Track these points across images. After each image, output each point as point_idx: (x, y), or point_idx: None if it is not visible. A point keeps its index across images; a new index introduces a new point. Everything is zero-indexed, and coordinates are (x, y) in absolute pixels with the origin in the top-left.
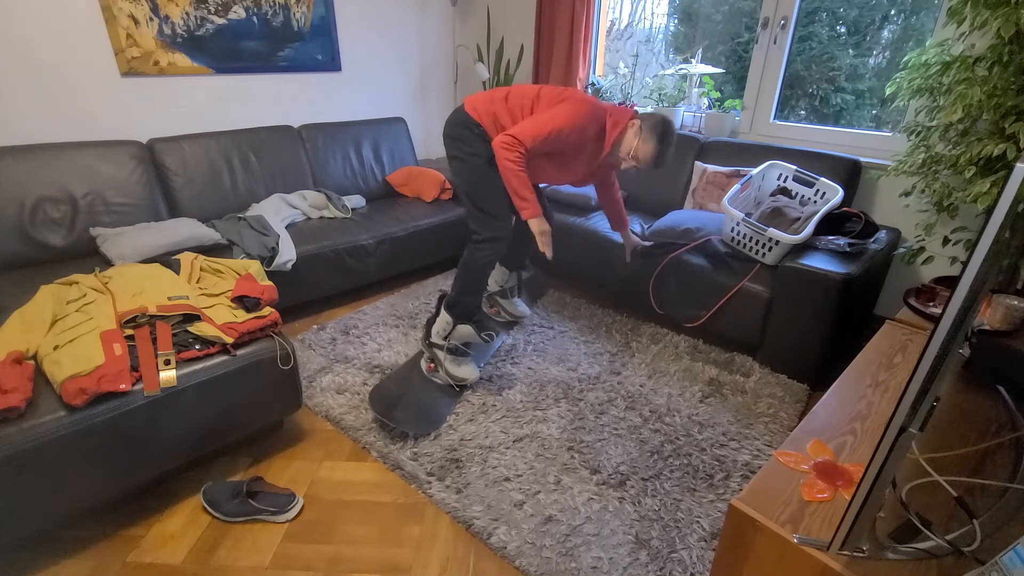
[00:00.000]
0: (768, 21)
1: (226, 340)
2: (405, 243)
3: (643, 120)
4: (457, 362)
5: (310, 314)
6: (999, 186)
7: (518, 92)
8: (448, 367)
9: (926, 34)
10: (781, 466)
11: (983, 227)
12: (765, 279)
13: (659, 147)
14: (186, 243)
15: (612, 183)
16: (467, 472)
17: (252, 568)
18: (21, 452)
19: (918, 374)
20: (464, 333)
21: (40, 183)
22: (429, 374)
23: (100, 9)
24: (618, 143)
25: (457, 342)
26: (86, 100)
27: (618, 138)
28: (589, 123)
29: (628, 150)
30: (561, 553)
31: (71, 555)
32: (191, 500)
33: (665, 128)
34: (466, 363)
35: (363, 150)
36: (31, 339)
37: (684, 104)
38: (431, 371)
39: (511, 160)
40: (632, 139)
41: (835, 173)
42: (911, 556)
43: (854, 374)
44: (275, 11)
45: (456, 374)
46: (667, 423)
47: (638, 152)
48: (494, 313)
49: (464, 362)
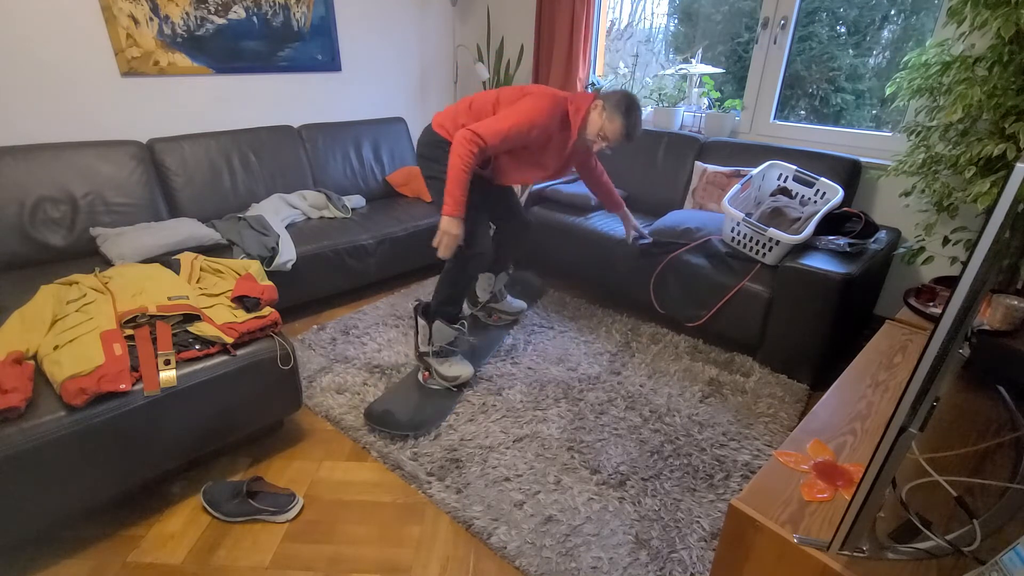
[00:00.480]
0: (768, 21)
1: (226, 340)
2: (405, 243)
3: (605, 99)
4: (447, 363)
5: (310, 314)
6: (999, 186)
7: (481, 98)
8: (440, 370)
9: (926, 34)
10: (781, 466)
11: (983, 227)
12: (765, 279)
13: (626, 122)
14: (186, 243)
15: (594, 167)
16: (467, 472)
17: (252, 568)
18: (21, 452)
19: (918, 374)
20: (442, 332)
21: (40, 183)
22: (426, 382)
23: (100, 9)
24: (583, 127)
25: (440, 343)
26: (86, 100)
27: (583, 123)
28: (551, 114)
29: (596, 131)
30: (561, 553)
31: (71, 555)
32: (191, 500)
33: (629, 102)
34: (456, 361)
35: (363, 150)
36: (31, 339)
37: (684, 104)
38: (427, 379)
39: (462, 156)
40: (597, 120)
41: (835, 173)
42: (911, 556)
43: (854, 374)
44: (275, 11)
45: (448, 374)
46: (667, 423)
47: (606, 131)
48: (495, 320)
49: (454, 361)
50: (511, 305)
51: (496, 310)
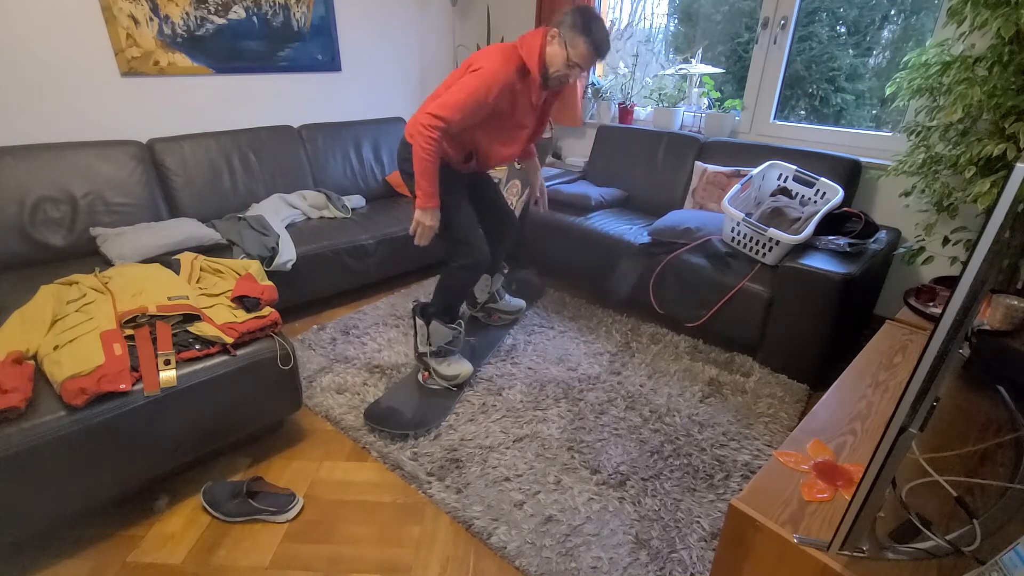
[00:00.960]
0: (768, 21)
1: (226, 340)
2: (405, 243)
3: (559, 26)
4: (446, 362)
5: (310, 314)
6: (999, 186)
7: (444, 84)
8: (439, 369)
9: (926, 34)
10: (781, 466)
11: (983, 227)
12: (765, 279)
13: (589, 39)
14: (186, 243)
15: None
16: (467, 472)
17: (252, 568)
18: (21, 452)
19: (918, 374)
20: (439, 332)
21: (40, 183)
22: (425, 382)
23: (100, 9)
24: (546, 66)
25: (438, 343)
26: (86, 100)
27: (541, 62)
28: (506, 68)
29: (562, 62)
30: (561, 553)
31: (71, 555)
32: (191, 500)
33: (585, 18)
34: (455, 360)
35: (363, 150)
36: (31, 339)
37: (684, 104)
38: (427, 379)
39: (424, 143)
40: (559, 51)
41: (835, 173)
42: (911, 556)
43: (854, 374)
44: (275, 11)
45: (447, 373)
46: (667, 423)
47: (573, 58)
48: (495, 320)
49: (452, 360)
50: (510, 304)
51: (495, 310)
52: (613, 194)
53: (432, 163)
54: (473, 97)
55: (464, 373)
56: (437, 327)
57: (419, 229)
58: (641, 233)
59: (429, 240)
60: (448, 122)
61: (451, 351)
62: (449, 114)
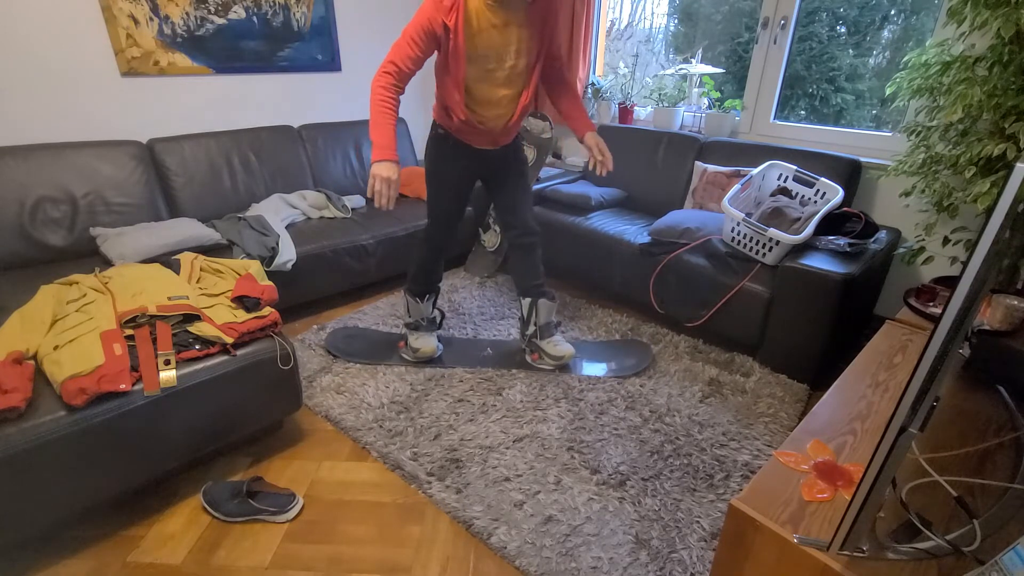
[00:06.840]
0: (768, 21)
1: (226, 340)
2: (405, 243)
3: None
4: (415, 335)
5: (310, 314)
6: (999, 186)
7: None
8: (410, 340)
9: (926, 34)
10: (781, 466)
11: (983, 227)
12: (765, 279)
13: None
14: (186, 243)
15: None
16: (467, 472)
17: (252, 568)
18: (21, 452)
19: (918, 374)
20: (415, 307)
21: (40, 183)
22: (400, 351)
23: (100, 9)
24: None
25: (415, 317)
26: (86, 100)
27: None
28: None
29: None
30: (561, 553)
31: (71, 555)
32: (191, 500)
33: None
34: (423, 336)
35: (363, 150)
36: (31, 339)
37: (684, 104)
38: (401, 348)
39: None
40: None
41: (835, 173)
42: (911, 556)
43: (854, 374)
44: (275, 11)
45: (413, 344)
46: (667, 423)
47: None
48: (534, 360)
49: (421, 335)
50: (556, 347)
51: (539, 348)
52: (613, 194)
53: (383, 114)
54: (416, 31)
55: (424, 349)
56: (411, 301)
57: (375, 183)
58: (641, 233)
59: (391, 201)
60: (400, 64)
61: (421, 325)
62: (398, 57)
